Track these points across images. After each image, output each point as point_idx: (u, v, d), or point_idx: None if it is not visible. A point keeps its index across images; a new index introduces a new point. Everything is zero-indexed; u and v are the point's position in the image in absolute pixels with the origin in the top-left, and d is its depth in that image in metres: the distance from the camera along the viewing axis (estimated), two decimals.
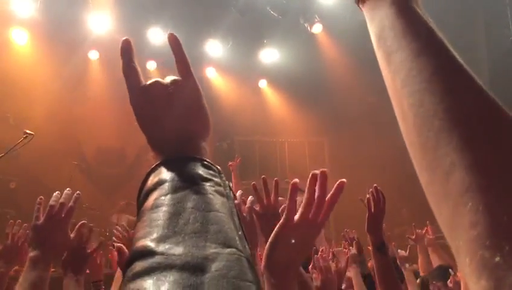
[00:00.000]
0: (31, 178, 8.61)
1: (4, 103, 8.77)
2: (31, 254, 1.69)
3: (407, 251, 4.15)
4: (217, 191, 0.65)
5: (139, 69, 0.80)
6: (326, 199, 1.15)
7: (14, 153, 5.30)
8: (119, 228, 2.99)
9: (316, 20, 9.48)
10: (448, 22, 7.60)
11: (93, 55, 9.64)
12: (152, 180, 0.67)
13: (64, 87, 9.27)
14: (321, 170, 1.13)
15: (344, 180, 1.17)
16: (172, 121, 0.76)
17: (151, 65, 9.59)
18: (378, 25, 0.63)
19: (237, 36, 9.96)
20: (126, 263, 0.55)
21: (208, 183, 0.65)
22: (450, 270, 3.44)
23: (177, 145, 0.73)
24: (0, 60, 8.83)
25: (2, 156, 4.58)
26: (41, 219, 1.77)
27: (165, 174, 0.67)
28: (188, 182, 0.64)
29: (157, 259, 0.51)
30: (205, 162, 0.70)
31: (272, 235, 1.13)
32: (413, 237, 4.38)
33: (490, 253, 0.39)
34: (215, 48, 10.07)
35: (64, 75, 9.17)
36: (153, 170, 0.69)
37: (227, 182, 0.70)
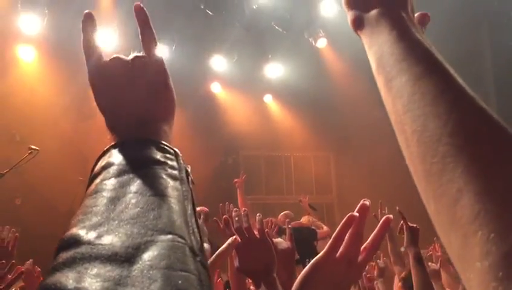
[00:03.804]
0: (37, 194, 8.61)
1: (10, 120, 8.81)
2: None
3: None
4: (169, 175, 0.58)
5: (100, 45, 0.75)
6: (371, 237, 1.08)
7: (20, 169, 5.31)
8: None
9: (321, 34, 9.52)
10: (453, 32, 7.62)
11: None
12: (100, 164, 0.61)
13: (71, 103, 9.31)
14: (362, 202, 1.06)
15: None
16: (131, 101, 0.70)
17: None
18: (377, 51, 0.61)
19: (242, 51, 10.00)
20: (54, 255, 0.49)
21: (159, 167, 0.58)
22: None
23: (134, 128, 0.67)
24: (7, 77, 8.90)
25: (7, 171, 4.59)
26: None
27: (113, 157, 0.60)
28: (136, 165, 0.57)
29: (82, 249, 0.45)
30: (161, 145, 0.63)
31: (310, 266, 1.05)
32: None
33: (504, 285, 0.35)
34: (220, 63, 10.07)
35: (70, 91, 9.20)
36: (103, 154, 0.63)
37: (184, 165, 0.63)
